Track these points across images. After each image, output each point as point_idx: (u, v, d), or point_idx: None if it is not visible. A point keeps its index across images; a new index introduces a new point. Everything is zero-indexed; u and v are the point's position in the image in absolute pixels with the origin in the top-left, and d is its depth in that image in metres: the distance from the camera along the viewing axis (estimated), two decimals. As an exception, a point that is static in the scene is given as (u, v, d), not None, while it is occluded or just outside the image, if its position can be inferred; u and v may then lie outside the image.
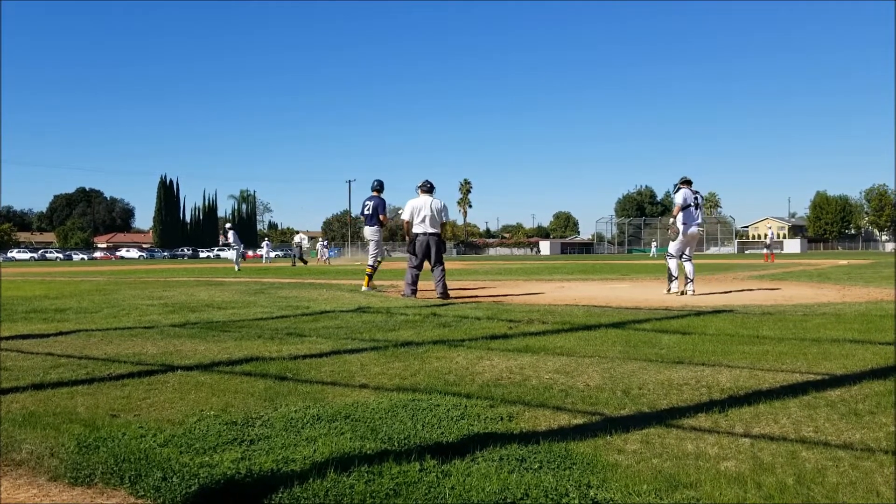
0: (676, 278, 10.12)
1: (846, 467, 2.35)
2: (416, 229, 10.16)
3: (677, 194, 10.28)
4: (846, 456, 2.47)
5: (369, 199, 11.57)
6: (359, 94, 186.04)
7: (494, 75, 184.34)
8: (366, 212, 11.55)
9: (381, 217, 11.52)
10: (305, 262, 34.09)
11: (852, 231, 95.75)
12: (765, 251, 38.30)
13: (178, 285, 14.04)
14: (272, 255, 40.81)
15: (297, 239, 35.52)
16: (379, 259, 11.53)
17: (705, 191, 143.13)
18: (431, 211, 10.12)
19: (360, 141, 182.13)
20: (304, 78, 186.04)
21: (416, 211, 10.17)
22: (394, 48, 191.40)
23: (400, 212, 28.14)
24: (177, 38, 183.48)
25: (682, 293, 9.89)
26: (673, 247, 10.26)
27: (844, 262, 27.69)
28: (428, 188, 10.35)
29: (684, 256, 10.21)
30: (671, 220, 10.38)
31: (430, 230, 10.14)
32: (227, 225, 29.54)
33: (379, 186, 11.62)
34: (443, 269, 10.10)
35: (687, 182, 10.35)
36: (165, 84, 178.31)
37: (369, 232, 11.62)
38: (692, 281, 10.00)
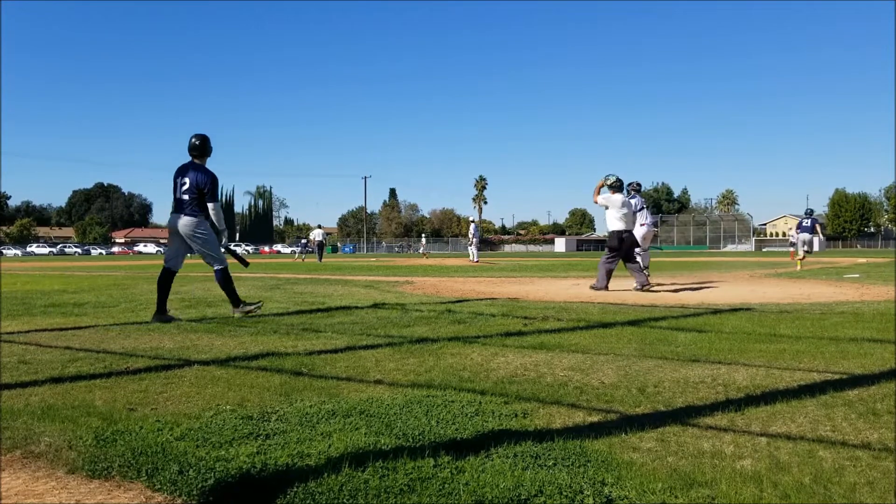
0: (647, 267, 11.56)
1: (864, 467, 2.33)
2: (621, 225, 10.21)
3: (634, 200, 11.71)
4: (864, 455, 2.44)
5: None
6: (374, 90, 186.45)
7: (511, 72, 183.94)
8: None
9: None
10: (321, 259, 33.47)
11: (871, 229, 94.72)
12: (791, 248, 35.83)
13: (194, 280, 14.14)
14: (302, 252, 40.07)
15: (312, 235, 34.90)
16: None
17: (722, 188, 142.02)
18: (629, 208, 10.53)
19: (375, 137, 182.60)
20: (321, 74, 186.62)
21: (615, 207, 10.28)
22: (411, 44, 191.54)
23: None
24: (195, 34, 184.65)
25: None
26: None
27: (863, 260, 27.40)
28: (620, 186, 10.44)
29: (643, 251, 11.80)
30: (642, 222, 12.04)
31: (631, 228, 10.53)
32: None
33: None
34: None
35: (636, 189, 12.23)
36: (183, 80, 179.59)
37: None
38: (646, 269, 11.23)
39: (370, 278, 14.89)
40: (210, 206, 7.06)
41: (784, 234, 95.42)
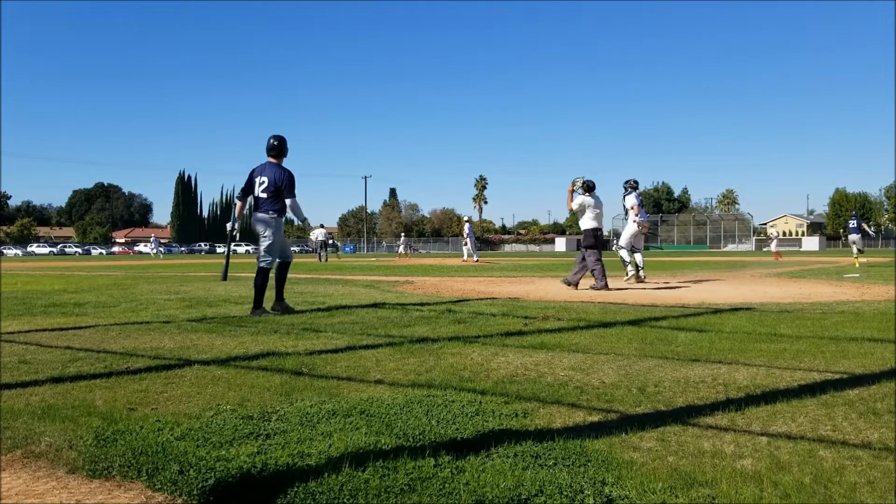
0: (630, 263, 11.48)
1: (864, 466, 2.33)
2: (595, 224, 10.58)
3: (630, 197, 11.76)
4: (865, 455, 2.44)
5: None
6: (374, 90, 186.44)
7: (511, 71, 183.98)
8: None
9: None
10: (325, 259, 32.97)
11: (872, 229, 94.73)
12: (773, 249, 32.65)
13: (195, 280, 14.14)
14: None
15: (313, 235, 34.51)
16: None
17: (723, 188, 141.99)
18: (602, 207, 10.76)
19: (375, 137, 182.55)
20: (321, 73, 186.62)
21: (589, 207, 10.59)
22: (411, 43, 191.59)
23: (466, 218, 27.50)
24: (196, 33, 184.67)
25: (640, 280, 11.44)
26: (624, 240, 11.63)
27: (864, 259, 27.39)
28: (591, 187, 10.73)
29: (634, 249, 11.60)
30: (634, 218, 11.74)
31: (600, 226, 10.84)
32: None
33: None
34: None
35: (633, 186, 11.99)
36: (184, 79, 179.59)
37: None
38: (642, 268, 11.55)
39: (370, 278, 14.90)
40: (288, 201, 7.49)
41: (787, 234, 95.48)
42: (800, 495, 2.10)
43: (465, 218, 29.67)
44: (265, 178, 7.42)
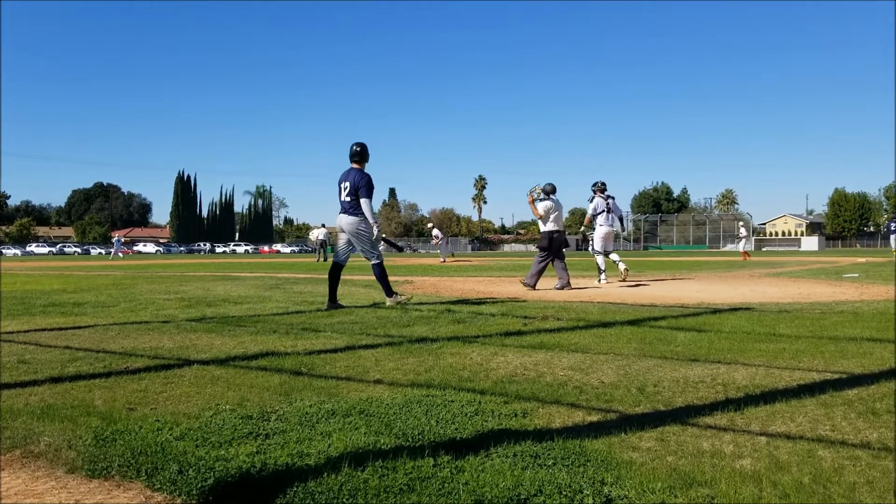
0: (605, 271, 11.73)
1: (863, 466, 2.33)
2: (552, 226, 10.85)
3: (592, 203, 12.03)
4: (864, 455, 2.44)
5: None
6: (374, 90, 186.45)
7: (511, 71, 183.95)
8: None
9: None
10: (325, 259, 32.74)
11: (871, 229, 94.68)
12: (741, 248, 30.71)
13: (194, 280, 14.14)
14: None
15: (313, 234, 34.36)
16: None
17: (722, 187, 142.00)
18: (560, 209, 10.98)
19: (375, 137, 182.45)
20: (321, 73, 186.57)
21: (552, 211, 10.83)
22: (411, 43, 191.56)
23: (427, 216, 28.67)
24: (195, 33, 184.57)
25: (623, 280, 11.72)
26: (597, 244, 11.91)
27: (863, 259, 27.41)
28: (552, 190, 10.98)
29: (609, 252, 11.87)
30: (583, 226, 12.17)
31: (562, 229, 11.07)
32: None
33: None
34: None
35: (601, 189, 12.01)
36: (183, 79, 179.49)
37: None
38: (619, 262, 11.71)
39: (370, 278, 14.88)
40: (363, 202, 7.91)
41: (786, 234, 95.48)
42: (799, 495, 2.10)
43: (430, 225, 31.95)
44: (347, 183, 7.94)
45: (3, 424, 2.93)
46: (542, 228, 10.93)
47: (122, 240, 56.78)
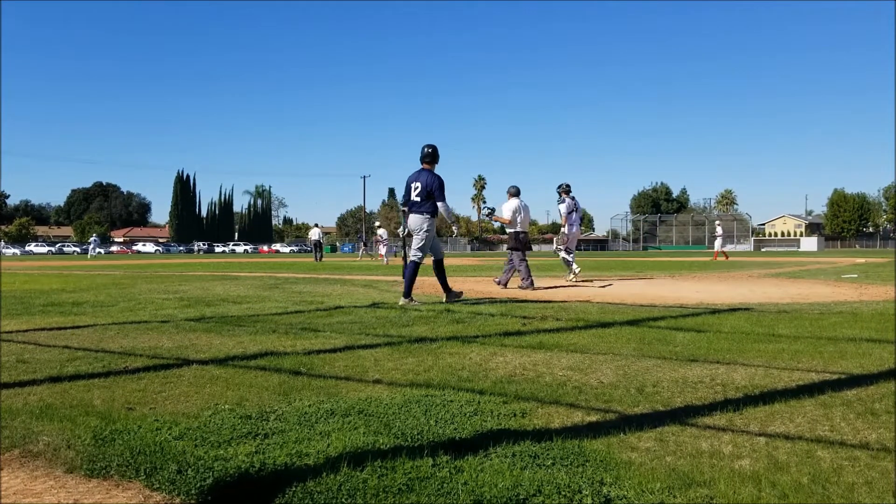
0: (571, 262, 12.48)
1: (862, 467, 2.34)
2: (517, 227, 11.11)
3: (562, 205, 12.54)
4: (863, 455, 2.44)
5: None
6: (374, 90, 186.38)
7: (510, 71, 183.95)
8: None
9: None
10: (321, 259, 32.70)
11: (870, 229, 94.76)
12: (716, 248, 29.13)
13: (193, 279, 14.14)
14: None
15: (310, 234, 34.35)
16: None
17: (721, 188, 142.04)
18: (525, 212, 11.27)
19: (374, 137, 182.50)
20: (321, 73, 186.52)
21: (518, 212, 11.09)
22: (410, 43, 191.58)
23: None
24: (195, 34, 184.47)
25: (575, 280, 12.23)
26: (571, 243, 12.72)
27: (862, 260, 27.42)
28: (516, 192, 11.28)
29: (569, 250, 12.60)
30: (562, 227, 12.68)
31: (526, 230, 11.39)
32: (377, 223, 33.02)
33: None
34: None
35: (566, 190, 12.60)
36: (182, 79, 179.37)
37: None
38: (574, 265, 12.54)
39: (369, 278, 14.89)
40: (439, 204, 8.27)
41: (785, 234, 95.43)
42: (798, 495, 2.10)
43: (377, 224, 34.54)
44: (419, 184, 8.24)
45: (1, 424, 2.93)
46: (509, 230, 11.20)
47: (99, 239, 57.65)
